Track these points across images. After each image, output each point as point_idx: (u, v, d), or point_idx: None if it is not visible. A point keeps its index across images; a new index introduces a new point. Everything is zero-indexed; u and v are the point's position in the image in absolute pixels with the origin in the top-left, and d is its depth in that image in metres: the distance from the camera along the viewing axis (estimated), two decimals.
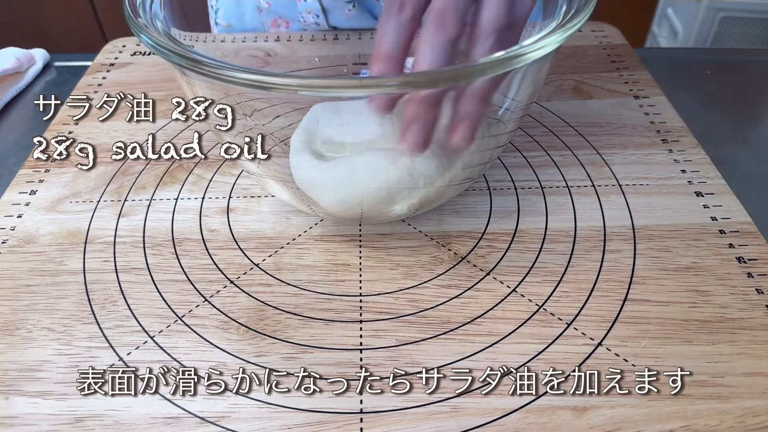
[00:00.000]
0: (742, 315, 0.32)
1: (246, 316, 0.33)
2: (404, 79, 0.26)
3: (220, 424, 0.28)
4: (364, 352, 0.31)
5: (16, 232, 0.38)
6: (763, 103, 0.52)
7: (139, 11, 0.31)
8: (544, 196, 0.40)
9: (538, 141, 0.45)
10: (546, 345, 0.31)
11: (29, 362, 0.31)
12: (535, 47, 0.26)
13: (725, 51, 0.86)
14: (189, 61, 0.26)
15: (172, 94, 0.31)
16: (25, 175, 0.43)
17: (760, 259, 0.35)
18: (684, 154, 0.43)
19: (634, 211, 0.38)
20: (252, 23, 0.57)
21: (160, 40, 0.28)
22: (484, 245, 0.36)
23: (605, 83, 0.50)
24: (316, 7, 0.53)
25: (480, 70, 0.26)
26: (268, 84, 0.25)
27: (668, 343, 0.31)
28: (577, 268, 0.35)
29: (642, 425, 0.27)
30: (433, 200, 0.35)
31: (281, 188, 0.34)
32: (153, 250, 0.37)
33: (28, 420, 0.28)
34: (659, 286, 0.34)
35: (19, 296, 0.34)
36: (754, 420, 0.27)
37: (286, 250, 0.37)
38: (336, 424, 0.28)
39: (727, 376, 0.29)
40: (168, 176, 0.43)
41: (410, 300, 0.33)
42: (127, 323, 0.33)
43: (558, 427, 0.27)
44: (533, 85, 0.33)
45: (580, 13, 0.29)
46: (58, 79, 0.58)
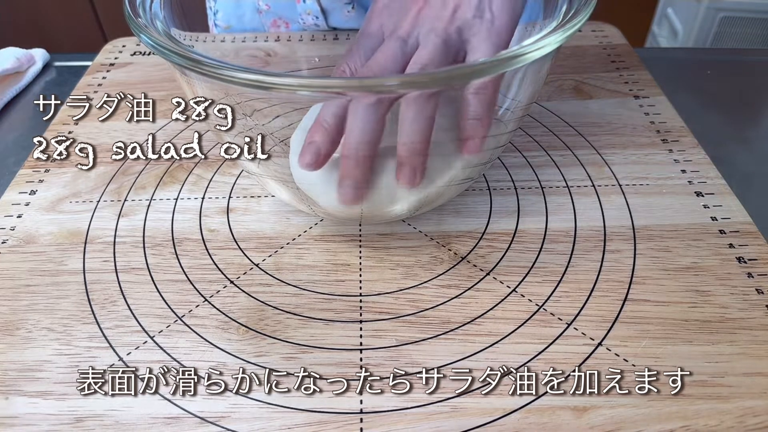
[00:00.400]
0: (742, 315, 0.32)
1: (246, 316, 0.33)
2: (404, 79, 0.26)
3: (220, 424, 0.28)
4: (364, 352, 0.31)
5: (16, 232, 0.38)
6: (763, 103, 0.52)
7: (139, 11, 0.31)
8: (544, 196, 0.40)
9: (538, 141, 0.45)
10: (546, 345, 0.31)
11: (29, 362, 0.31)
12: (535, 47, 0.26)
13: (725, 51, 0.86)
14: (189, 60, 0.26)
15: (172, 94, 0.30)
16: (25, 175, 0.43)
17: (760, 259, 0.35)
18: (684, 154, 0.43)
19: (634, 211, 0.38)
20: (251, 24, 0.57)
21: (160, 40, 0.28)
22: (484, 245, 0.36)
23: (605, 83, 0.50)
24: (316, 9, 0.53)
25: (480, 70, 0.26)
26: (268, 84, 0.25)
27: (668, 343, 0.31)
28: (577, 268, 0.35)
29: (642, 425, 0.27)
30: (433, 200, 0.35)
31: (281, 188, 0.34)
32: (153, 250, 0.37)
33: (28, 420, 0.28)
34: (659, 286, 0.34)
35: (19, 296, 0.34)
36: (754, 420, 0.27)
37: (286, 250, 0.37)
38: (336, 424, 0.28)
39: (727, 376, 0.29)
40: (168, 176, 0.43)
41: (410, 300, 0.33)
42: (127, 323, 0.33)
43: (558, 427, 0.27)
44: (533, 85, 0.33)
45: (580, 13, 0.29)
46: (58, 79, 0.58)
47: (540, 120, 0.47)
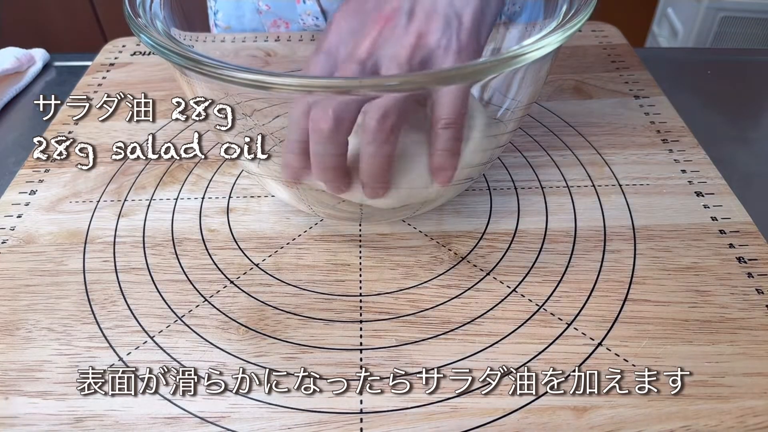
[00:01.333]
0: (742, 315, 0.32)
1: (246, 316, 0.33)
2: (404, 78, 0.26)
3: (220, 424, 0.28)
4: (364, 352, 0.31)
5: (16, 232, 0.38)
6: (763, 103, 0.52)
7: (138, 11, 0.31)
8: (544, 196, 0.40)
9: (538, 141, 0.45)
10: (546, 345, 0.31)
11: (29, 362, 0.31)
12: (535, 47, 0.26)
13: (725, 51, 0.86)
14: (189, 60, 0.26)
15: (172, 94, 0.31)
16: (25, 175, 0.43)
17: (760, 259, 0.35)
18: (684, 154, 0.43)
19: (634, 211, 0.38)
20: (251, 25, 0.57)
21: (160, 40, 0.28)
22: (484, 245, 0.36)
23: (605, 83, 0.50)
24: (316, 10, 0.53)
25: (480, 70, 0.26)
26: (268, 84, 0.25)
27: (668, 343, 0.31)
28: (577, 268, 0.35)
29: (642, 425, 0.27)
30: (434, 200, 0.35)
31: (281, 188, 0.34)
32: (153, 250, 0.37)
33: (28, 420, 0.28)
34: (659, 286, 0.34)
35: (18, 296, 0.34)
36: (754, 420, 0.27)
37: (286, 250, 0.37)
38: (336, 424, 0.28)
39: (727, 376, 0.29)
40: (168, 176, 0.43)
41: (410, 300, 0.33)
42: (127, 323, 0.33)
43: (558, 427, 0.27)
44: (533, 85, 0.33)
45: (580, 13, 0.29)
46: (58, 79, 0.58)
47: (540, 120, 0.47)
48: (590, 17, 0.29)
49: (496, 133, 0.34)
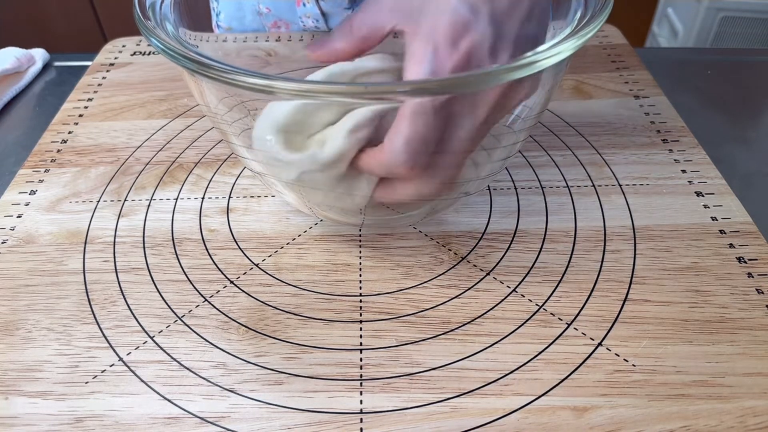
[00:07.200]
0: (742, 315, 0.32)
1: (246, 316, 0.33)
2: (414, 85, 0.25)
3: (220, 424, 0.28)
4: (364, 352, 0.31)
5: (15, 232, 0.38)
6: (763, 103, 0.52)
7: (149, 13, 0.30)
8: (544, 196, 0.40)
9: (538, 141, 0.45)
10: (546, 345, 0.31)
11: (29, 362, 0.31)
12: (551, 53, 0.25)
13: (725, 51, 0.86)
14: (199, 65, 0.26)
15: (172, 94, 0.31)
16: (25, 175, 0.43)
17: (760, 259, 0.35)
18: (684, 154, 0.43)
19: (634, 211, 0.38)
20: (252, 26, 0.57)
21: (170, 43, 0.27)
22: (484, 245, 0.36)
23: (605, 83, 0.50)
24: (316, 12, 0.53)
25: (494, 76, 0.25)
26: (273, 88, 0.24)
27: (668, 343, 0.31)
28: (577, 268, 0.35)
29: (642, 425, 0.27)
30: (445, 207, 0.34)
31: (284, 188, 0.34)
32: (153, 250, 0.37)
33: (28, 420, 0.28)
34: (659, 286, 0.34)
35: (18, 296, 0.34)
36: (754, 420, 0.27)
37: (286, 250, 0.37)
38: (336, 424, 0.28)
39: (727, 376, 0.29)
40: (168, 176, 0.43)
41: (410, 300, 0.33)
42: (126, 323, 0.33)
43: (558, 427, 0.27)
44: (547, 92, 0.32)
45: (595, 18, 0.28)
46: (58, 79, 0.58)
47: (540, 120, 0.46)
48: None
49: (506, 144, 0.32)
